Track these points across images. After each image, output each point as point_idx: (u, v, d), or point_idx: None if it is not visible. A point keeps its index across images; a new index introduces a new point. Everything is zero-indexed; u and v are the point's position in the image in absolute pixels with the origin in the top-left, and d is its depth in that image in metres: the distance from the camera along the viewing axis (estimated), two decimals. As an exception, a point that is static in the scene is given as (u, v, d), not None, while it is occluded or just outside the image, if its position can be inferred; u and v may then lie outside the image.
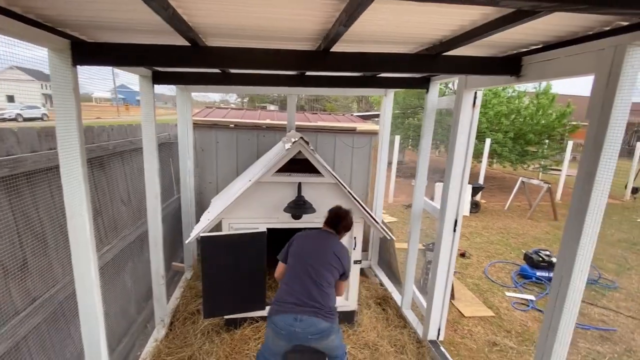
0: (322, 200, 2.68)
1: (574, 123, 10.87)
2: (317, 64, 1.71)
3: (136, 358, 2.56)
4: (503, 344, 3.05)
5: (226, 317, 2.91)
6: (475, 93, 2.40)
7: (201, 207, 4.11)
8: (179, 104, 3.50)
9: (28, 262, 1.74)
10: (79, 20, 1.41)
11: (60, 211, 1.88)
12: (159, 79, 2.54)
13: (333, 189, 2.72)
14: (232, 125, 3.89)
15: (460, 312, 3.51)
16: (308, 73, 2.58)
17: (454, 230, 2.65)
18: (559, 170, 10.03)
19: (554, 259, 4.36)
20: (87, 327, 1.75)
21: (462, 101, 2.41)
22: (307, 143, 2.57)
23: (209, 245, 2.58)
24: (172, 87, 3.52)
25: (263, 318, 2.96)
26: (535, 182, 8.21)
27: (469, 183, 5.47)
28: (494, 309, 3.67)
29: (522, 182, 8.42)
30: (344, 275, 2.11)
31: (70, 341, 1.97)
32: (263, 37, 1.67)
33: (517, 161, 10.37)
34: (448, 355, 2.67)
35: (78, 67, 1.52)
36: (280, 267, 2.16)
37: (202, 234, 2.56)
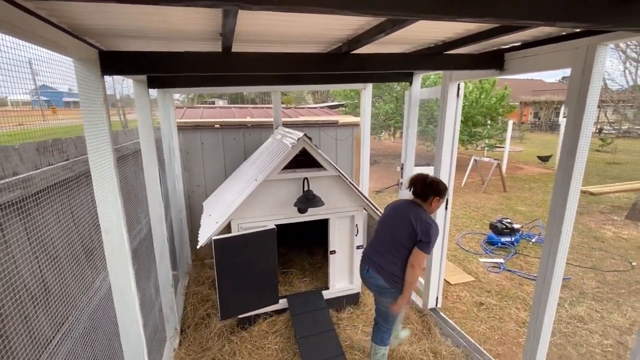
0: (327, 192, 2.83)
1: (511, 104, 12.17)
2: (337, 66, 1.83)
3: (158, 370, 2.52)
4: (487, 302, 3.50)
5: (239, 316, 2.96)
6: (459, 85, 2.69)
7: (191, 211, 4.02)
8: (162, 107, 3.36)
9: (49, 285, 1.66)
10: (106, 29, 1.37)
11: (75, 227, 1.79)
12: (154, 82, 2.46)
13: (336, 181, 2.87)
14: (217, 126, 3.83)
15: (447, 281, 3.92)
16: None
17: (446, 209, 2.97)
18: (503, 147, 11.22)
19: (515, 225, 5.00)
20: (129, 344, 1.73)
21: (448, 93, 2.69)
22: (310, 139, 2.68)
23: (222, 247, 2.60)
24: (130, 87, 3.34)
25: (277, 312, 3.06)
26: (485, 159, 9.13)
27: (429, 164, 5.99)
28: (473, 274, 4.15)
29: (475, 160, 9.32)
30: (421, 244, 2.06)
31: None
32: (283, 41, 1.75)
33: (467, 142, 11.38)
34: (448, 319, 3.03)
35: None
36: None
37: (214, 237, 2.56)
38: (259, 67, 1.76)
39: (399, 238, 2.14)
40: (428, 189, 2.15)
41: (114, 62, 1.48)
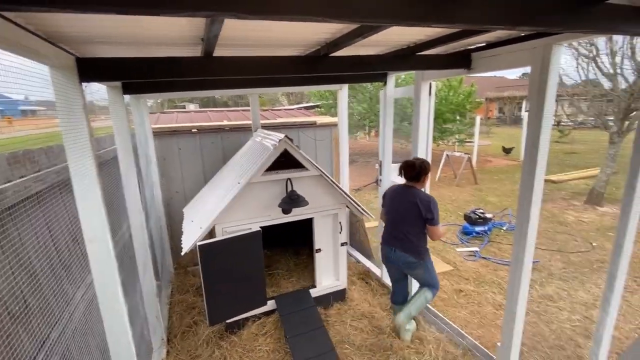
0: (310, 192, 2.87)
1: (477, 100, 12.77)
2: (318, 68, 1.89)
3: (145, 382, 2.47)
4: (466, 289, 3.69)
5: (228, 321, 2.94)
6: (430, 84, 2.83)
7: (171, 218, 3.93)
8: (136, 113, 3.28)
9: (29, 302, 1.60)
10: (83, 35, 1.35)
11: (52, 241, 1.74)
12: (129, 88, 2.41)
13: (318, 180, 2.93)
14: (195, 130, 3.77)
15: (428, 272, 4.09)
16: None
17: (424, 202, 3.11)
18: (472, 141, 11.76)
19: (487, 215, 5.28)
20: (119, 356, 1.70)
21: (421, 92, 2.82)
22: (291, 140, 2.72)
23: (207, 252, 2.58)
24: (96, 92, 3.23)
25: (265, 314, 3.07)
26: (457, 154, 9.55)
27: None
28: (452, 263, 4.35)
29: (447, 155, 9.71)
30: (430, 221, 2.49)
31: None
32: (264, 45, 1.78)
33: (439, 138, 11.83)
34: (430, 307, 3.16)
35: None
36: (382, 212, 2.88)
37: (199, 243, 2.54)
38: (241, 71, 1.78)
39: (409, 219, 2.57)
40: (420, 171, 2.58)
41: (91, 68, 1.46)
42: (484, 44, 2.22)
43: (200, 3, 0.69)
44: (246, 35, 1.52)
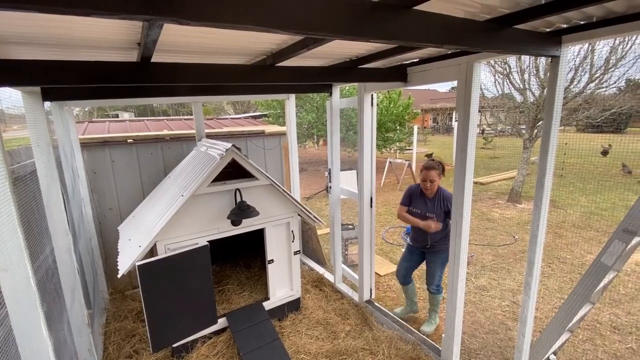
0: (261, 202, 2.83)
1: (415, 111, 13.81)
2: (264, 77, 1.90)
3: None
4: (413, 287, 3.91)
5: (174, 345, 2.73)
6: (372, 95, 3.00)
7: (104, 238, 3.55)
8: (59, 122, 2.93)
9: None
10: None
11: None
12: (50, 94, 2.16)
13: (268, 189, 2.90)
14: (130, 140, 3.49)
15: (377, 273, 4.25)
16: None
17: (371, 207, 3.25)
18: (411, 149, 12.64)
19: (428, 216, 5.68)
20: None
21: (364, 103, 2.98)
22: (239, 149, 2.66)
23: (148, 273, 2.38)
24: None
25: (216, 333, 2.91)
26: (398, 161, 10.17)
27: (352, 168, 6.47)
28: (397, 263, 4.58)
29: (390, 162, 10.29)
30: (450, 214, 2.62)
31: None
32: (207, 52, 1.74)
33: (382, 146, 12.50)
34: (382, 307, 3.29)
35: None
36: (402, 209, 3.08)
37: (138, 263, 2.34)
38: (181, 78, 1.71)
39: (438, 216, 2.87)
40: (441, 170, 2.92)
41: (4, 72, 1.28)
42: (417, 60, 2.43)
43: (138, 6, 0.66)
44: (188, 42, 1.48)
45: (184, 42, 1.46)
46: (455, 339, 2.46)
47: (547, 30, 1.71)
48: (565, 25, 1.66)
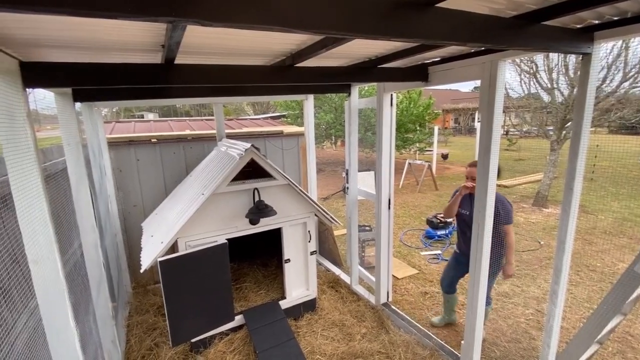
0: (278, 201, 2.85)
1: (435, 112, 13.53)
2: (284, 78, 1.91)
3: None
4: (431, 291, 3.83)
5: (193, 340, 2.79)
6: (392, 95, 2.96)
7: (129, 234, 3.69)
8: (88, 122, 3.06)
9: None
10: (28, 38, 1.25)
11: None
12: (80, 95, 2.26)
13: (286, 189, 2.92)
14: (154, 140, 3.60)
15: (395, 276, 4.19)
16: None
17: (389, 208, 3.21)
18: (431, 150, 12.39)
19: (448, 219, 5.55)
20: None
21: (383, 103, 2.94)
22: (258, 149, 2.69)
23: (169, 268, 2.45)
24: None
25: (233, 330, 2.95)
26: (418, 162, 9.99)
27: (370, 169, 6.40)
28: (417, 267, 4.50)
29: (409, 163, 10.13)
30: (503, 220, 2.55)
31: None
32: (228, 54, 1.77)
33: (401, 147, 12.32)
34: (399, 311, 3.24)
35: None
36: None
37: (160, 259, 2.41)
38: (204, 79, 1.75)
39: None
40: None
41: (37, 74, 1.36)
42: (439, 59, 2.37)
43: (162, 8, 0.67)
44: (210, 43, 1.51)
45: (205, 43, 1.49)
46: (475, 346, 2.38)
47: (578, 26, 1.62)
48: (597, 21, 1.57)
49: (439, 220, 5.52)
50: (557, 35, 1.49)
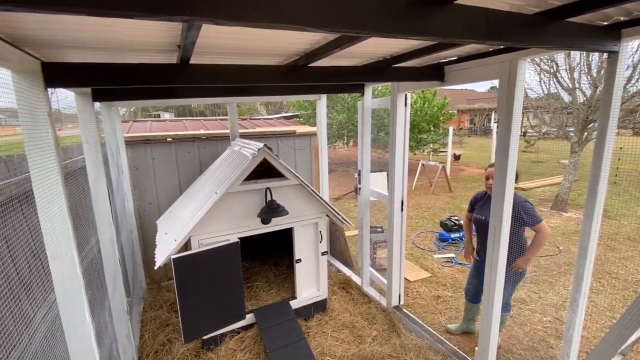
0: (290, 201, 2.85)
1: (450, 112, 13.30)
2: (297, 78, 1.90)
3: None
4: (444, 295, 3.75)
5: (204, 337, 2.82)
6: (406, 95, 2.92)
7: (144, 231, 3.76)
8: (107, 121, 3.15)
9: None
10: (49, 39, 1.29)
11: (11, 258, 1.60)
12: (99, 95, 2.31)
13: (298, 189, 2.91)
14: (170, 139, 3.66)
15: (407, 279, 4.13)
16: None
17: (402, 210, 3.16)
18: (446, 151, 12.18)
19: (462, 222, 5.43)
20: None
21: (397, 103, 2.90)
22: (270, 149, 2.70)
23: (182, 266, 2.48)
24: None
25: (244, 328, 2.97)
26: (432, 163, 9.84)
27: (383, 170, 6.33)
28: (429, 270, 4.42)
29: (422, 164, 9.98)
30: (528, 222, 2.49)
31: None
32: (242, 53, 1.78)
33: (414, 147, 12.17)
34: (411, 314, 3.19)
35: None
36: (466, 216, 2.99)
37: (173, 256, 2.44)
38: (219, 79, 1.76)
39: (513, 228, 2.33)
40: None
41: (58, 74, 1.39)
42: (455, 58, 2.32)
43: (177, 7, 0.68)
44: (224, 43, 1.51)
45: (220, 43, 1.50)
46: (490, 353, 2.31)
47: (604, 23, 1.55)
48: (624, 18, 1.50)
49: (452, 223, 5.41)
50: (582, 32, 1.43)
